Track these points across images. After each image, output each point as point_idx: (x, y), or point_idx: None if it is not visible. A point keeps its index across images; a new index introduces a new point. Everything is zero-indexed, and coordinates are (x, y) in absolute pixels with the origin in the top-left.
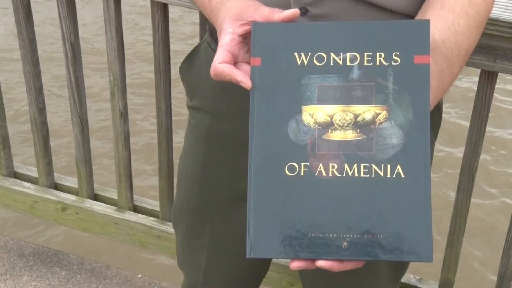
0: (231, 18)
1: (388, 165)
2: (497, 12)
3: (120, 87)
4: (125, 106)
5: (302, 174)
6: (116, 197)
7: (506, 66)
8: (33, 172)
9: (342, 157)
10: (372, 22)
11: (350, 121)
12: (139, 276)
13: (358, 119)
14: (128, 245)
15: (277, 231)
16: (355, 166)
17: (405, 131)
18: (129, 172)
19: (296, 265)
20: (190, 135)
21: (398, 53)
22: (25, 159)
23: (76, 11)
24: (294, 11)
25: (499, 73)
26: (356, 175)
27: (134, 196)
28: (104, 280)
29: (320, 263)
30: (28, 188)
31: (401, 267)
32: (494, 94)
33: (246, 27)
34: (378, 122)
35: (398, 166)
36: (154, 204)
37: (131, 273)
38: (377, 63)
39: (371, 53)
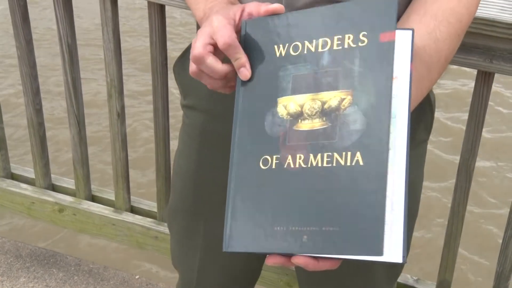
0: (239, 8)
1: (349, 153)
2: (494, 13)
3: (117, 88)
4: (122, 107)
5: (273, 166)
6: (113, 198)
7: (503, 67)
8: (30, 173)
9: (308, 148)
10: (342, 4)
11: (318, 109)
12: (137, 277)
13: (325, 106)
14: (126, 246)
15: (250, 225)
16: (319, 155)
17: (367, 116)
18: (126, 173)
19: (271, 261)
20: (184, 134)
21: (365, 33)
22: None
23: (73, 13)
24: (276, 6)
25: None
26: (320, 165)
27: (132, 197)
28: (102, 281)
29: (295, 260)
30: (25, 189)
31: (397, 266)
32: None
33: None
34: (342, 108)
35: (358, 153)
36: (151, 205)
37: (128, 274)
38: (346, 45)
39: (340, 36)
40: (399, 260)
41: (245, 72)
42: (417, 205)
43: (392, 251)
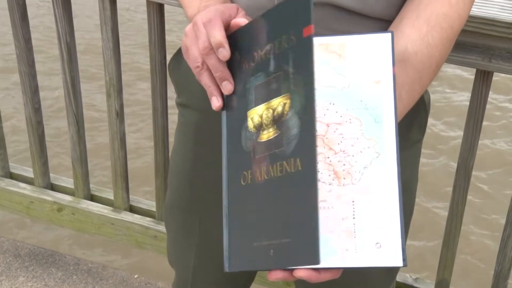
0: (234, 6)
1: (292, 159)
2: (493, 12)
3: (116, 87)
4: (121, 106)
5: (249, 182)
6: (112, 198)
7: (502, 66)
8: (29, 172)
9: (268, 158)
10: (279, 5)
11: (271, 118)
12: (136, 276)
13: (275, 114)
14: (125, 245)
15: (241, 244)
16: (275, 165)
17: (300, 118)
18: (125, 172)
19: (273, 277)
20: (179, 132)
21: (293, 31)
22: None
23: (72, 11)
24: (239, 20)
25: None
26: (276, 175)
27: (130, 196)
28: (101, 281)
29: (297, 274)
30: (24, 188)
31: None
32: None
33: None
34: (285, 113)
35: (298, 159)
36: (150, 205)
37: (127, 273)
38: (283, 48)
39: (279, 39)
40: (400, 264)
41: (224, 53)
42: (412, 203)
43: (392, 255)
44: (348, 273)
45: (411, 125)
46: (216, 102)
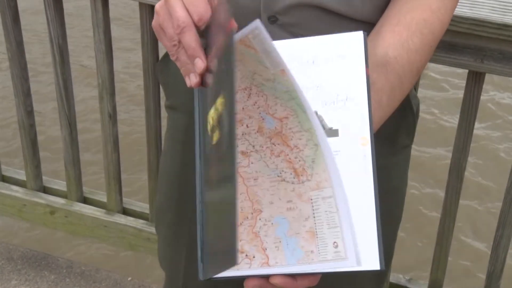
0: None
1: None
2: (484, 13)
3: (108, 89)
4: (114, 108)
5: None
6: (105, 200)
7: (493, 67)
8: (21, 175)
9: (218, 161)
10: (215, 8)
11: (217, 119)
12: (129, 279)
13: (218, 115)
14: (118, 248)
15: (210, 248)
16: (220, 167)
17: (228, 114)
18: (118, 174)
19: (250, 284)
20: (168, 135)
21: (223, 29)
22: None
23: (64, 14)
24: None
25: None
26: (218, 177)
27: (124, 198)
28: (94, 284)
29: (273, 281)
30: (17, 191)
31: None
32: None
33: None
34: (222, 112)
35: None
36: (143, 207)
37: (121, 276)
38: (220, 47)
39: (219, 39)
40: (377, 267)
41: (199, 63)
42: (400, 210)
43: (367, 259)
44: (333, 275)
45: (399, 130)
46: (194, 79)
